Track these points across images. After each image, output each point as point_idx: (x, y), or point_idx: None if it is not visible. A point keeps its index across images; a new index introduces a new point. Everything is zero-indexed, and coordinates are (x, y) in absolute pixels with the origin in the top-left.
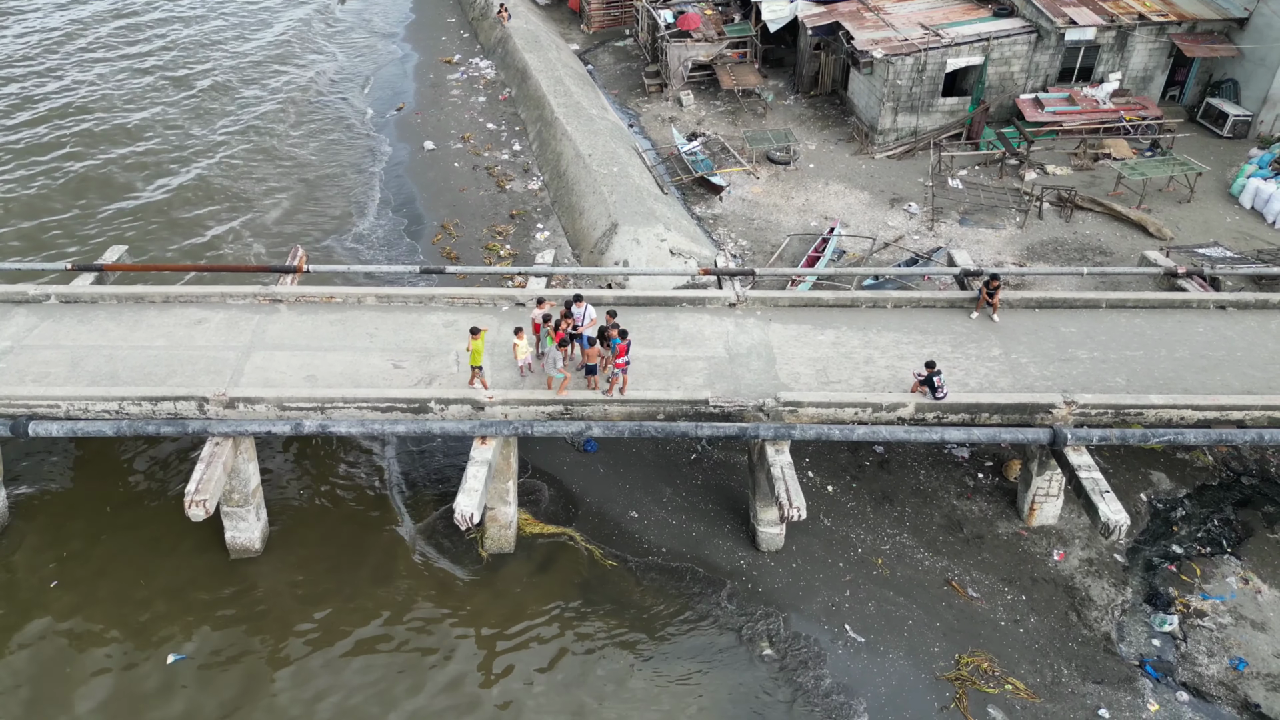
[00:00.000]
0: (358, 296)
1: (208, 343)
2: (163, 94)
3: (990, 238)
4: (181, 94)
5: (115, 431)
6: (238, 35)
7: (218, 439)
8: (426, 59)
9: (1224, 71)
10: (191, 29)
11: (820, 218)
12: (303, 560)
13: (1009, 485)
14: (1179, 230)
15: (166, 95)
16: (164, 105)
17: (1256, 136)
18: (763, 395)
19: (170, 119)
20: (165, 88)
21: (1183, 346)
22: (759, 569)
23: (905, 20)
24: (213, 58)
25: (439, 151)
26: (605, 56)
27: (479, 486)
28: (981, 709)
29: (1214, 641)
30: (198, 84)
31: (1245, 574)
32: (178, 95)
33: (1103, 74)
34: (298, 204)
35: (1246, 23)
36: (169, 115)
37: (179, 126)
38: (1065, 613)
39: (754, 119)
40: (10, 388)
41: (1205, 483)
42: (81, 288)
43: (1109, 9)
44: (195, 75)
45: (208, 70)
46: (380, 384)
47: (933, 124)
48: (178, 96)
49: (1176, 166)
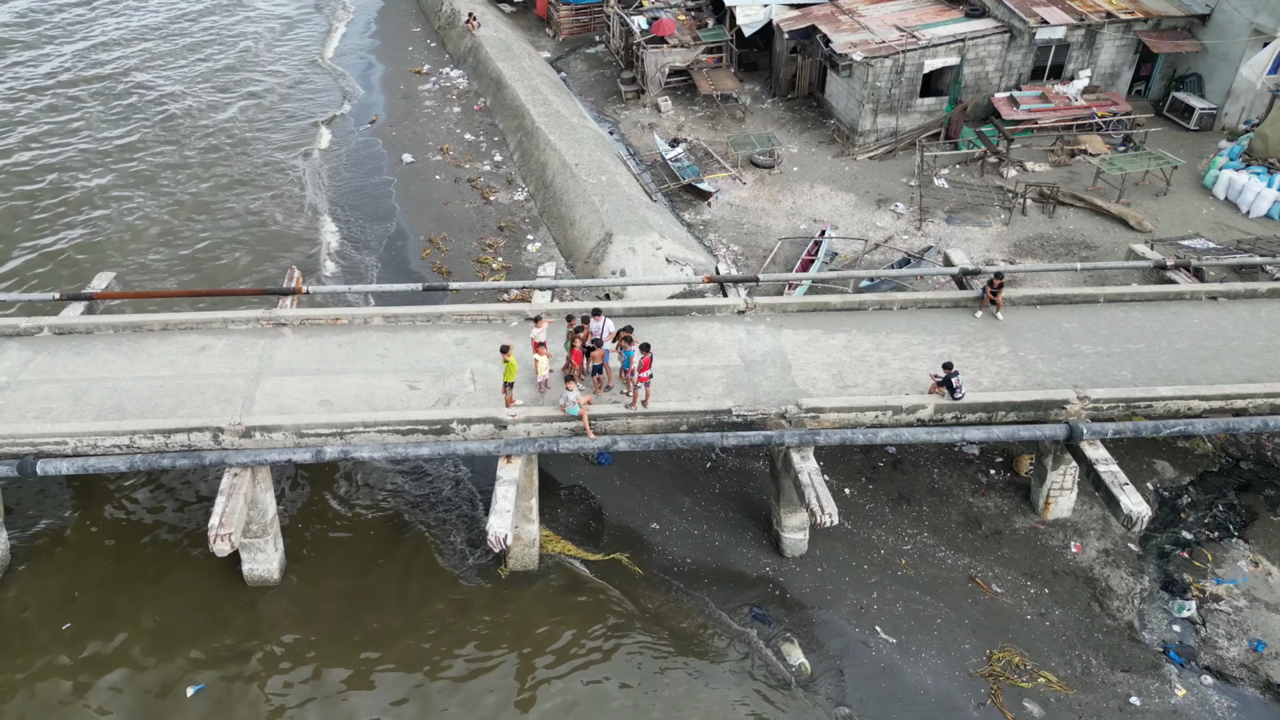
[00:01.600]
0: (364, 317)
1: (214, 370)
2: (117, 121)
3: (978, 235)
4: (133, 121)
5: (129, 467)
6: (194, 54)
7: (236, 470)
8: (395, 70)
9: (1187, 66)
10: (131, 50)
11: (809, 220)
12: (322, 587)
13: (1020, 480)
14: (1158, 223)
15: (118, 122)
16: (101, 134)
17: (1221, 129)
18: (784, 402)
19: (128, 145)
20: (117, 117)
21: (1181, 338)
22: (785, 575)
23: (880, 23)
24: (158, 83)
25: (418, 164)
26: (578, 64)
27: (509, 507)
28: (1017, 704)
29: (1232, 625)
30: (155, 112)
31: (1255, 557)
32: (128, 125)
33: (1073, 71)
34: (270, 223)
35: (1208, 19)
36: (131, 139)
37: (137, 152)
38: (1088, 604)
39: (733, 123)
40: (13, 426)
41: (1207, 469)
42: (75, 318)
43: (1078, 8)
44: (150, 100)
45: (162, 94)
46: (397, 406)
47: (911, 124)
48: (127, 127)
49: (1152, 161)
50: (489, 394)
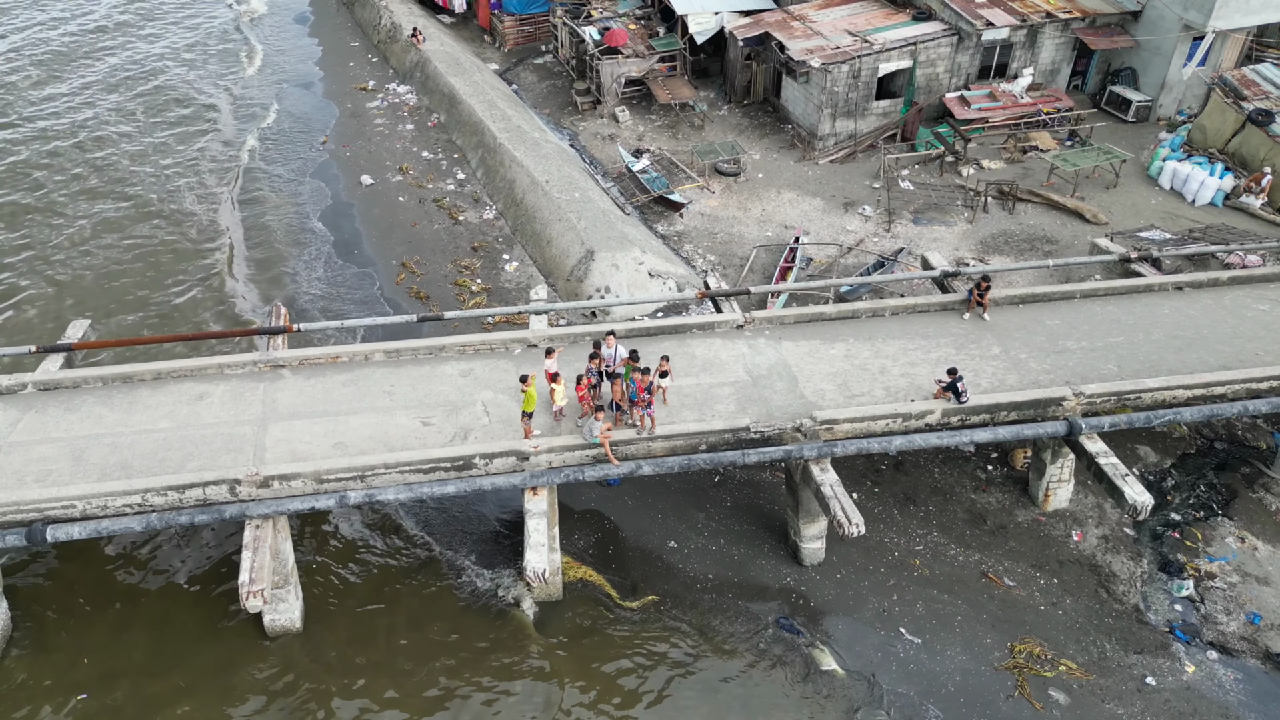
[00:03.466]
0: (365, 354)
1: (216, 419)
2: (42, 165)
3: (945, 234)
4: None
5: (144, 527)
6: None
7: (258, 521)
8: (339, 87)
9: (1121, 61)
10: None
11: (780, 227)
12: (347, 632)
13: (1017, 474)
14: (1112, 215)
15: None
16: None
17: (1157, 120)
18: (797, 415)
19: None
20: (46, 158)
21: (1156, 329)
22: (807, 584)
23: (832, 28)
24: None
25: (379, 186)
26: (527, 75)
27: (544, 540)
28: (1043, 693)
29: (1228, 600)
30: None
31: (1241, 533)
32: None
33: (1016, 70)
34: (223, 259)
35: (1140, 15)
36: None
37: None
38: (1095, 590)
39: (693, 131)
40: (15, 492)
41: (1185, 451)
42: (59, 372)
43: (1019, 9)
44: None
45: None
46: (414, 444)
47: (868, 127)
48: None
49: (1102, 155)
50: (504, 425)
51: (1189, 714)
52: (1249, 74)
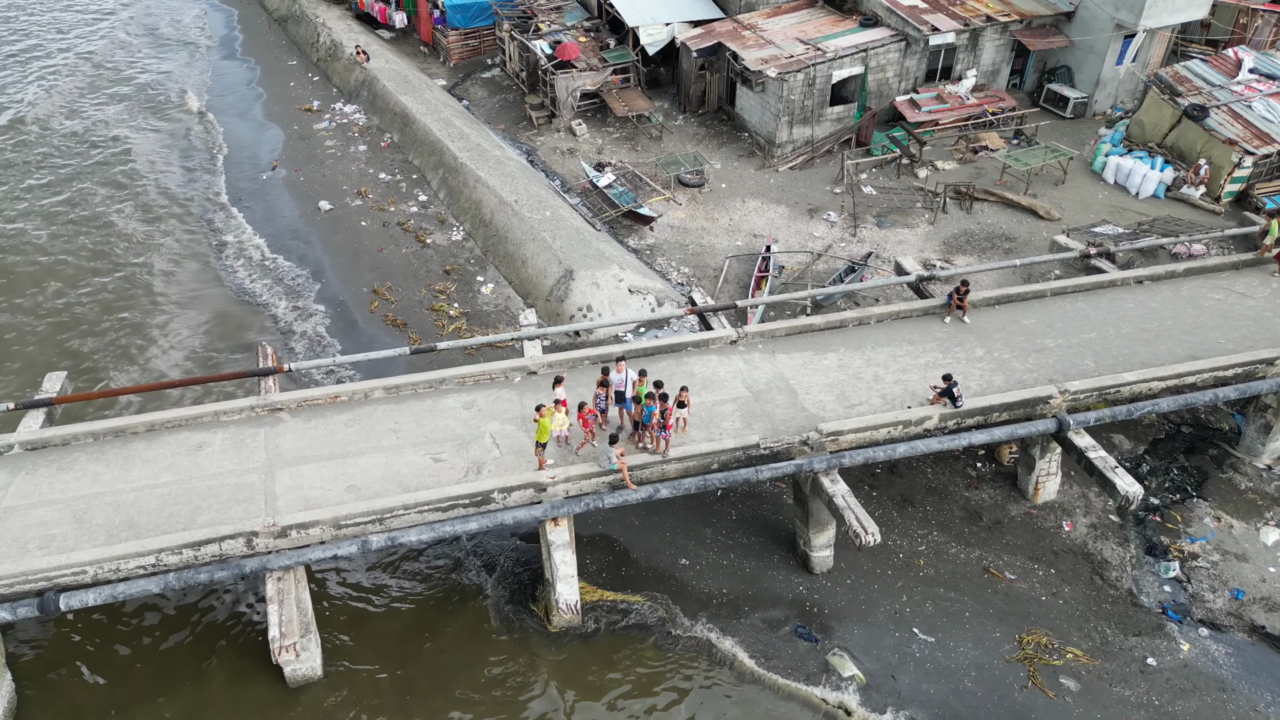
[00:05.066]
0: (364, 391)
1: (220, 469)
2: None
3: (909, 236)
4: None
5: (162, 588)
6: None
7: (279, 573)
8: (282, 109)
9: (1057, 60)
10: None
11: (749, 236)
12: (368, 675)
13: (1005, 469)
14: (1063, 210)
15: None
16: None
17: (1093, 115)
18: (802, 429)
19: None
20: None
21: (1124, 323)
22: (820, 592)
23: (783, 36)
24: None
25: (338, 211)
26: (477, 90)
27: (572, 571)
28: (1055, 681)
29: (1212, 578)
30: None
31: (1216, 513)
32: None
33: (960, 72)
34: (190, 299)
35: (1073, 15)
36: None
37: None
38: (1090, 577)
39: (651, 143)
40: (22, 561)
41: (1155, 437)
42: (45, 430)
43: (960, 13)
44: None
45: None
46: (428, 482)
47: (824, 132)
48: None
49: (1050, 154)
50: (516, 457)
51: (1190, 690)
52: (1182, 71)
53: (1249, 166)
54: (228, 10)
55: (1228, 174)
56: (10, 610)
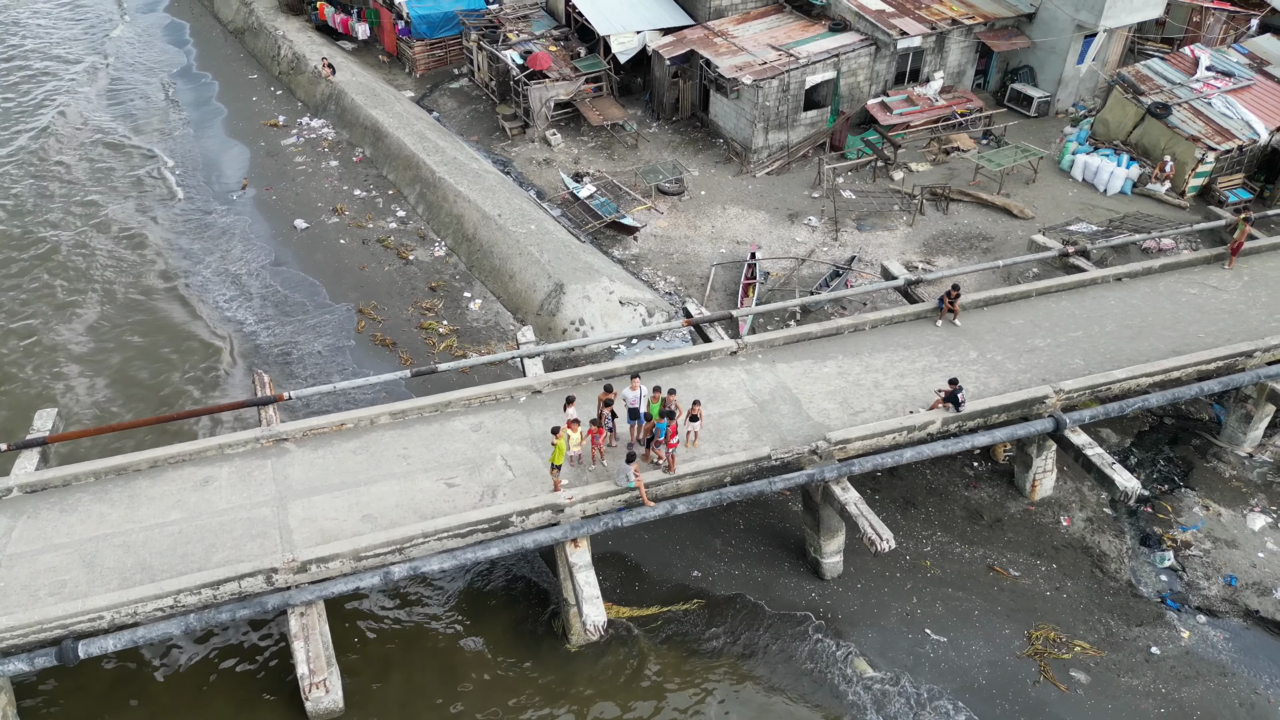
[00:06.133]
0: (370, 417)
1: (229, 504)
2: None
3: (889, 239)
4: None
5: (184, 630)
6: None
7: (302, 609)
8: (247, 125)
9: (1019, 60)
10: None
11: (732, 243)
12: (392, 704)
13: (1000, 466)
14: (1036, 209)
15: None
16: None
17: (1056, 114)
18: (810, 438)
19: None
20: None
21: (1107, 320)
22: (832, 597)
23: (754, 42)
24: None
25: (315, 230)
26: (446, 101)
27: (597, 592)
28: (1066, 675)
29: (1206, 566)
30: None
31: (1204, 502)
32: None
33: (928, 74)
34: (164, 327)
35: (1034, 17)
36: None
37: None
38: (1091, 570)
39: (627, 151)
40: (37, 610)
41: (1140, 430)
42: (44, 472)
43: (927, 16)
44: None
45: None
46: (444, 508)
47: (799, 137)
48: None
49: (1020, 153)
50: (530, 478)
51: (1193, 677)
52: (1143, 70)
53: (1211, 162)
54: (180, 23)
55: (1191, 169)
56: (28, 660)
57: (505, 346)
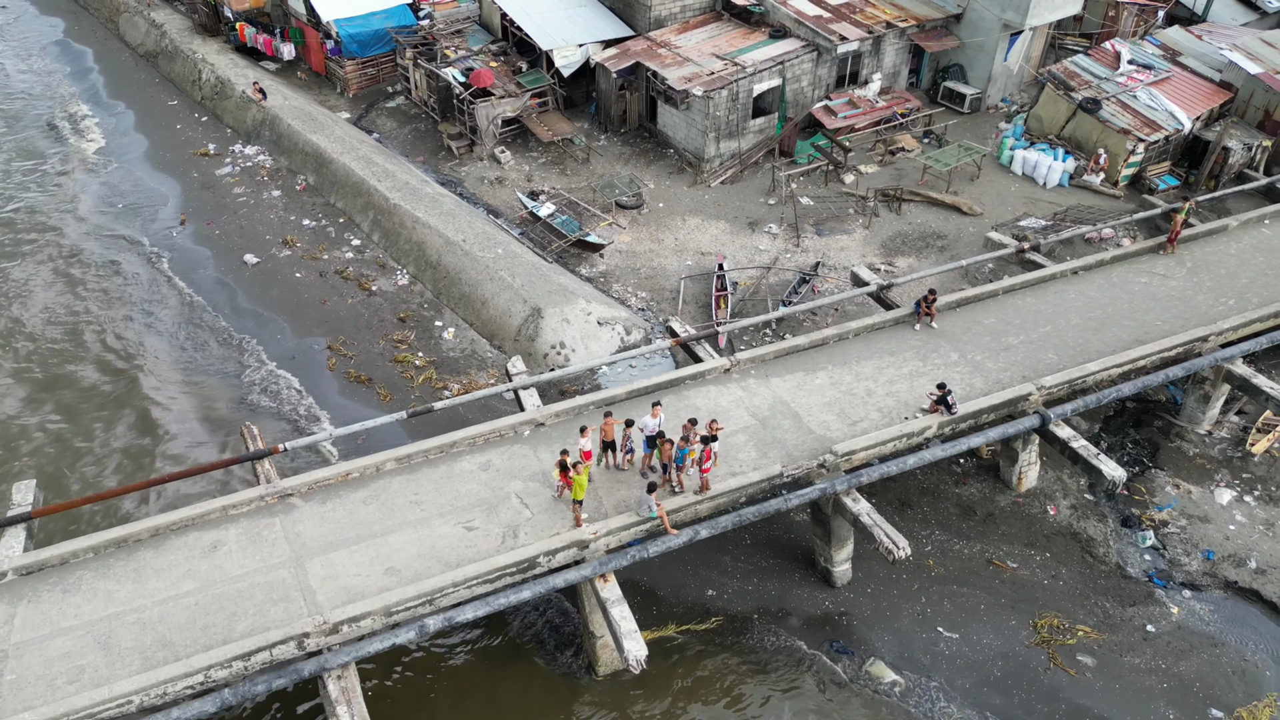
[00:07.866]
0: (375, 465)
1: (243, 568)
2: None
3: (848, 242)
4: None
5: (219, 706)
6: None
7: (339, 671)
8: (174, 155)
9: (950, 58)
10: None
11: (697, 254)
12: None
13: (985, 461)
14: (984, 205)
15: None
16: None
17: (987, 109)
18: (815, 452)
19: None
20: None
21: (1071, 314)
22: (845, 604)
23: (699, 52)
24: None
25: (267, 264)
26: (385, 121)
27: (634, 626)
28: (1073, 660)
29: (1184, 543)
30: None
31: (1174, 481)
32: None
33: (866, 76)
34: (125, 378)
35: (962, 16)
36: None
37: None
38: (1081, 556)
39: (579, 165)
40: (60, 702)
41: (1106, 415)
42: (41, 552)
43: (862, 20)
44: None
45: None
46: (467, 553)
47: (749, 144)
48: None
49: (964, 153)
50: (548, 515)
51: (1188, 650)
52: (1071, 66)
53: (1141, 153)
54: (80, 49)
55: (1123, 160)
56: None
57: (487, 375)
